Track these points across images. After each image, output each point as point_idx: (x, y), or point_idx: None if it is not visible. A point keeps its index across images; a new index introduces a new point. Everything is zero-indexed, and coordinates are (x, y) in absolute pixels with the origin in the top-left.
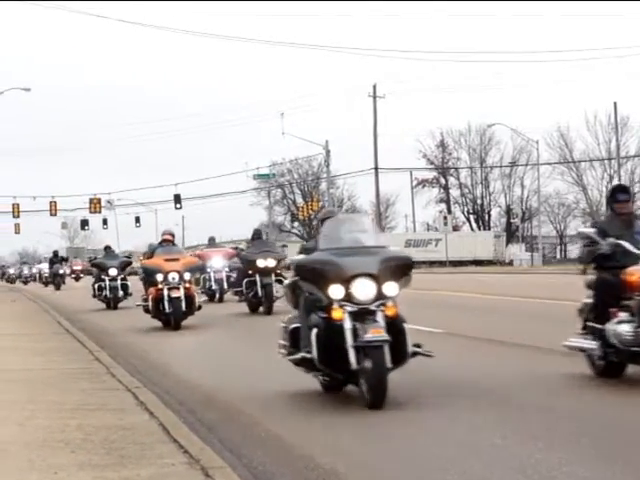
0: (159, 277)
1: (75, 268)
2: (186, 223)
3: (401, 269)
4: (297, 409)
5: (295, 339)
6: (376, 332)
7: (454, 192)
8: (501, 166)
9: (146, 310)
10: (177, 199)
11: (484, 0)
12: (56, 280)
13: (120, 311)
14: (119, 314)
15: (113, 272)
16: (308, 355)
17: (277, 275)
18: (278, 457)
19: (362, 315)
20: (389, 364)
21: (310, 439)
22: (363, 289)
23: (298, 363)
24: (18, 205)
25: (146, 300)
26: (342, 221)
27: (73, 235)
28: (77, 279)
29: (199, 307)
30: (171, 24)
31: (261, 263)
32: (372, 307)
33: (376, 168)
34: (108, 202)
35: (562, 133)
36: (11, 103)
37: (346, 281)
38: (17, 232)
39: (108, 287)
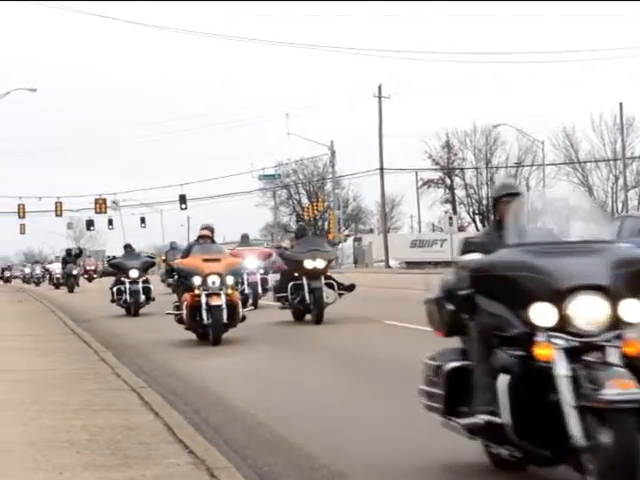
0: (196, 281)
1: (88, 268)
2: (191, 224)
3: None
4: (301, 410)
5: (455, 389)
6: (621, 385)
7: (459, 192)
8: (507, 166)
9: (179, 320)
10: (182, 199)
11: (490, 0)
12: (69, 281)
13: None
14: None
15: (134, 274)
16: (494, 419)
17: (327, 278)
18: (283, 458)
19: (585, 354)
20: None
21: (315, 440)
22: (588, 311)
23: (474, 431)
24: (23, 205)
25: (179, 308)
26: (544, 202)
27: (79, 235)
28: (90, 279)
29: (243, 318)
30: (175, 24)
31: (309, 264)
32: (602, 341)
33: (381, 169)
34: (113, 202)
35: (567, 134)
36: (16, 103)
37: (559, 297)
38: (22, 232)
39: (128, 291)
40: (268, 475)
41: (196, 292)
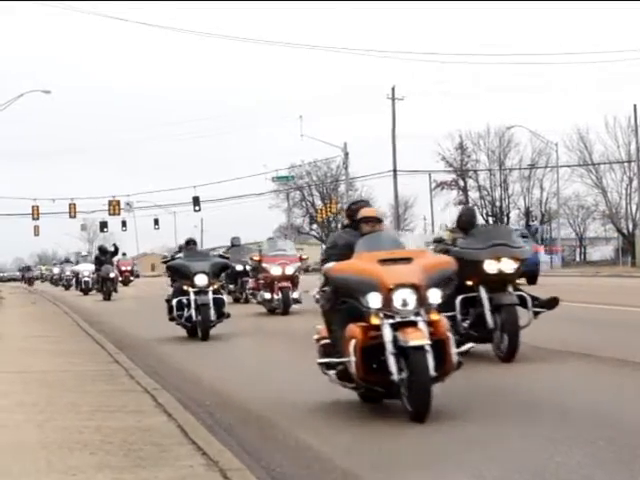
0: (374, 300)
1: (124, 269)
2: (205, 226)
3: None
4: (314, 411)
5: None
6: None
7: (473, 194)
8: (520, 168)
9: (340, 376)
10: (196, 201)
11: (503, 0)
12: (106, 286)
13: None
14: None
15: (201, 281)
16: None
17: (516, 288)
18: (296, 459)
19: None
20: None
21: (328, 441)
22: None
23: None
24: (37, 207)
25: (334, 347)
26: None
27: (92, 237)
28: (126, 283)
29: (459, 364)
30: (193, 26)
31: (491, 267)
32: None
33: (395, 170)
34: (127, 204)
35: (581, 135)
36: (31, 105)
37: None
38: (36, 234)
39: (193, 304)
40: (281, 477)
41: (373, 320)
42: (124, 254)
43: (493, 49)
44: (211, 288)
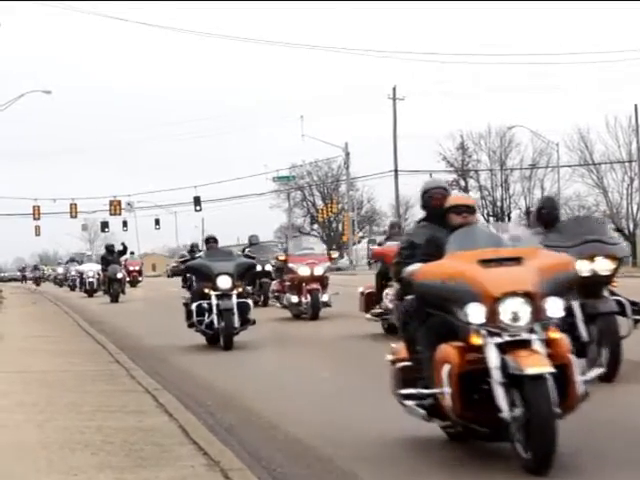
0: (475, 313)
1: (132, 269)
2: (205, 226)
3: None
4: (315, 412)
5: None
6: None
7: (474, 194)
8: (521, 168)
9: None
10: (197, 201)
11: (503, 0)
12: (113, 288)
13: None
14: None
15: (225, 283)
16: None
17: (612, 291)
18: (297, 459)
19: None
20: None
21: (329, 441)
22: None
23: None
24: (38, 207)
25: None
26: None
27: (93, 237)
28: (134, 284)
29: (585, 395)
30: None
31: (584, 267)
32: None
33: (396, 170)
34: (128, 204)
35: (582, 135)
36: (31, 106)
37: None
38: (37, 234)
39: (216, 309)
40: (282, 477)
41: (474, 340)
42: (132, 253)
43: (493, 49)
44: (235, 291)
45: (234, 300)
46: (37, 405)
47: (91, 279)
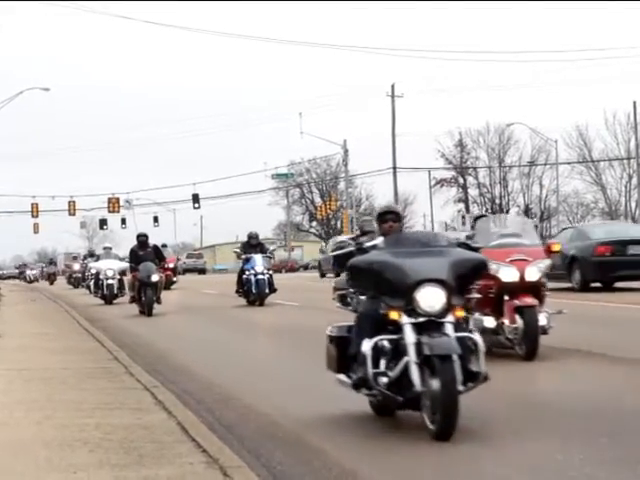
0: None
1: (166, 266)
2: (204, 223)
3: None
4: (314, 408)
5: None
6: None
7: (472, 191)
8: (520, 165)
9: None
10: (195, 199)
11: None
12: (148, 296)
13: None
14: None
15: (433, 301)
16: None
17: None
18: (296, 456)
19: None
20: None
21: (328, 438)
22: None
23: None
24: (37, 205)
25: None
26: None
27: (92, 235)
28: (167, 285)
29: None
30: (189, 24)
31: None
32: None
33: (394, 168)
34: (127, 202)
35: (581, 132)
36: (30, 103)
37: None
38: (36, 232)
39: (414, 355)
40: (282, 474)
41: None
42: (164, 246)
43: (493, 46)
44: (451, 318)
45: (451, 337)
46: (36, 402)
47: (110, 280)
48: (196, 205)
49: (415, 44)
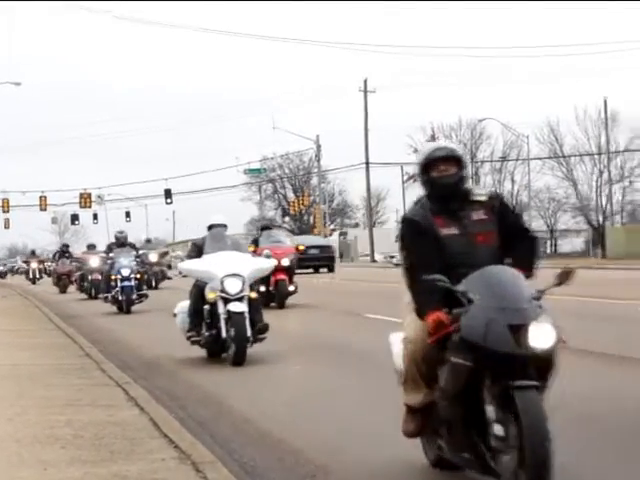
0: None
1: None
2: (176, 218)
3: None
4: (287, 406)
5: None
6: None
7: None
8: (492, 161)
9: None
10: (167, 194)
11: None
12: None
13: None
14: None
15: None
16: None
17: None
18: (269, 452)
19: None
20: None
21: (301, 436)
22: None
23: None
24: (7, 200)
25: None
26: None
27: (63, 230)
28: (285, 295)
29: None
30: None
31: None
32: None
33: (367, 163)
34: (98, 197)
35: (552, 128)
36: (1, 98)
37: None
38: (7, 227)
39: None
40: (254, 470)
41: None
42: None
43: (465, 41)
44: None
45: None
46: (7, 399)
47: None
48: (168, 200)
49: (388, 40)
